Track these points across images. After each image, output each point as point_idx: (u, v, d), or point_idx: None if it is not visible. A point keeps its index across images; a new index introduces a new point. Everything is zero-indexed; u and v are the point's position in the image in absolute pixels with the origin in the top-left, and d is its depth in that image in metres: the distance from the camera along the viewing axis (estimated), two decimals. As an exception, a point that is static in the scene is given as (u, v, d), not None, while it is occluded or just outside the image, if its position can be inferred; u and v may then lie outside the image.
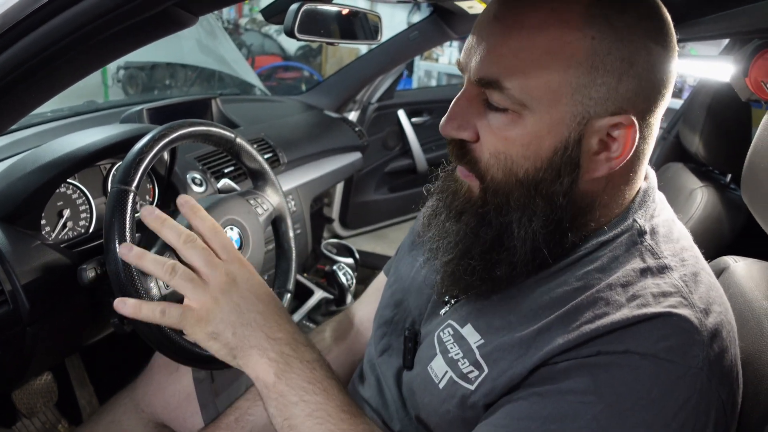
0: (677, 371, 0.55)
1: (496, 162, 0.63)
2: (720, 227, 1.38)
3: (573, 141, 0.60)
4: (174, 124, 0.94)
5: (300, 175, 1.77)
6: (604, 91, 0.58)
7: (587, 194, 0.64)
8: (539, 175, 0.61)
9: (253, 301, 0.69)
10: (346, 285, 1.58)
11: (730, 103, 1.47)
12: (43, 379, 1.30)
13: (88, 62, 0.63)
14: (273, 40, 4.82)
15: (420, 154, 2.69)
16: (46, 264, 0.92)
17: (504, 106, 0.61)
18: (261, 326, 0.68)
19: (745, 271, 0.87)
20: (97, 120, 1.41)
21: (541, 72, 0.58)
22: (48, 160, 0.96)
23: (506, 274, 0.65)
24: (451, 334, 0.70)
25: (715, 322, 0.59)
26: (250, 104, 2.02)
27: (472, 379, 0.65)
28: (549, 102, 0.59)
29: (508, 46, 0.59)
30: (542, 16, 0.58)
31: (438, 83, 4.96)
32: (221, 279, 0.68)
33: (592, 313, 0.58)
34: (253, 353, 0.67)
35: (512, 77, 0.59)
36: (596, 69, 0.58)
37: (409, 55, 2.18)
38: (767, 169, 0.77)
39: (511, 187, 0.63)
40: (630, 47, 0.58)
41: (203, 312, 0.67)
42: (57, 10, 0.52)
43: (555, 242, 0.63)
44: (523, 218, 0.63)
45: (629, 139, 0.60)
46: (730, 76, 0.81)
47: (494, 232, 0.65)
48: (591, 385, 0.56)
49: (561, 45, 0.57)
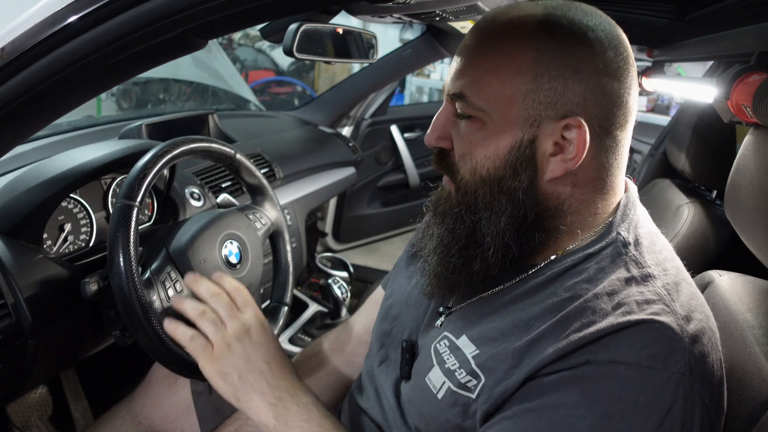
0: (661, 378, 0.59)
1: (464, 163, 0.71)
2: (706, 242, 1.42)
3: (527, 141, 0.67)
4: (176, 140, 0.97)
5: (295, 190, 1.79)
6: (551, 96, 0.66)
7: (551, 196, 0.69)
8: (499, 173, 0.69)
9: (261, 352, 0.78)
10: (341, 298, 1.60)
11: (715, 122, 1.50)
12: (38, 392, 1.31)
13: (102, 82, 0.65)
14: (266, 55, 4.86)
15: (412, 169, 2.73)
16: (48, 277, 0.94)
17: (468, 113, 0.69)
18: (265, 374, 0.76)
19: (729, 285, 0.90)
20: (95, 135, 1.43)
21: (494, 81, 0.67)
22: (51, 176, 0.98)
23: (481, 269, 0.71)
24: (447, 345, 0.73)
25: (695, 329, 0.62)
26: (246, 119, 2.05)
27: (471, 387, 0.68)
28: (503, 107, 0.67)
29: (470, 64, 0.69)
30: (498, 37, 0.68)
31: (429, 99, 5.02)
32: (238, 328, 0.78)
33: (579, 323, 0.62)
34: (255, 397, 0.75)
35: (471, 88, 0.68)
36: (541, 75, 0.65)
37: (402, 72, 2.22)
38: (748, 187, 0.80)
39: (476, 186, 0.70)
40: (574, 56, 0.65)
41: (218, 353, 0.77)
42: (75, 33, 0.55)
43: (523, 239, 0.70)
44: (491, 216, 0.70)
45: (581, 140, 0.66)
46: (712, 99, 0.84)
47: (467, 229, 0.72)
48: (581, 398, 0.59)
49: (510, 58, 0.66)
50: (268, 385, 0.75)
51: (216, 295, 0.81)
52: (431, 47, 1.93)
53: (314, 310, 1.70)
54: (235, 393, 0.76)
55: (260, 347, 0.78)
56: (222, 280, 0.84)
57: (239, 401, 0.76)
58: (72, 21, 0.58)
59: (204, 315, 0.79)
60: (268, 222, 1.12)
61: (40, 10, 0.61)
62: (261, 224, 1.10)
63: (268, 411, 0.74)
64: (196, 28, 0.56)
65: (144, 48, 0.58)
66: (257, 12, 0.63)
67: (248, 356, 0.77)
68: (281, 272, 1.16)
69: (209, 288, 0.82)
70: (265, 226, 1.11)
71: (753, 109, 0.72)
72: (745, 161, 0.82)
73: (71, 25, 0.56)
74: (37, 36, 0.61)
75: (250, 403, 0.75)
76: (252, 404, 0.75)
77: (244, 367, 0.76)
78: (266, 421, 0.74)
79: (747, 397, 0.71)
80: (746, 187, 0.81)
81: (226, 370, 0.76)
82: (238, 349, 0.77)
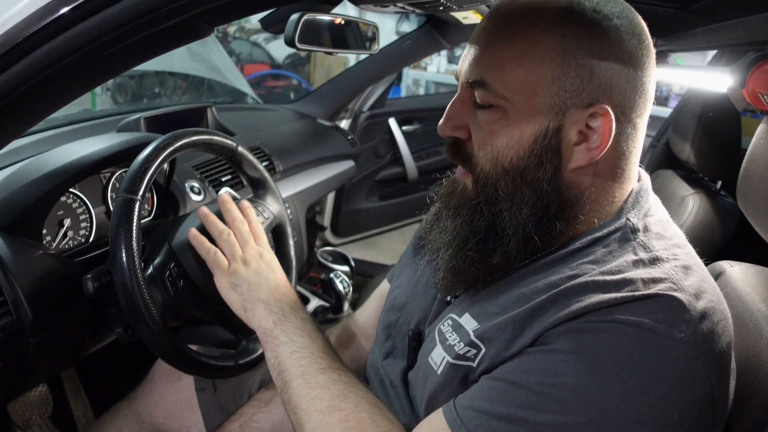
0: (661, 341, 0.57)
1: (484, 154, 0.69)
2: (712, 233, 1.41)
3: (552, 130, 0.65)
4: (177, 133, 0.95)
5: (295, 184, 1.77)
6: (577, 84, 0.64)
7: (573, 185, 0.68)
8: (523, 163, 0.67)
9: (270, 272, 0.87)
10: (343, 293, 1.59)
11: (721, 112, 1.51)
12: (39, 391, 1.29)
13: (106, 70, 0.63)
14: (261, 48, 4.82)
15: (411, 162, 2.71)
16: (48, 274, 0.92)
17: (489, 102, 0.67)
18: (271, 289, 0.85)
19: (742, 275, 0.89)
20: (92, 129, 1.40)
21: (518, 68, 0.65)
22: (50, 170, 0.95)
23: (502, 262, 0.69)
24: (450, 324, 0.73)
25: (705, 306, 0.61)
26: (244, 113, 2.03)
27: (471, 357, 0.67)
28: (527, 95, 0.65)
29: (492, 50, 0.67)
30: (520, 22, 0.65)
31: (426, 92, 4.99)
32: (253, 253, 0.88)
33: (583, 295, 0.61)
34: (260, 306, 0.82)
35: (493, 75, 0.66)
36: (568, 63, 0.63)
37: (402, 64, 2.20)
38: (762, 176, 0.79)
39: (498, 177, 0.68)
40: (600, 43, 0.63)
41: (233, 268, 0.86)
42: (80, 17, 0.53)
43: (544, 230, 0.68)
44: (512, 207, 0.68)
45: (606, 128, 0.64)
46: (727, 87, 0.83)
47: (486, 221, 0.70)
48: (575, 347, 0.59)
49: (535, 43, 0.64)
50: (274, 298, 0.83)
51: (240, 222, 0.90)
52: (431, 38, 1.90)
53: (316, 304, 1.69)
54: (243, 303, 0.84)
55: (269, 270, 0.87)
56: (248, 211, 0.93)
57: (245, 311, 0.83)
58: (73, 8, 0.55)
59: (223, 234, 0.88)
60: (270, 216, 1.10)
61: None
62: (264, 218, 1.09)
63: (269, 317, 0.81)
64: (204, 14, 0.54)
65: (148, 35, 0.56)
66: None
67: (259, 273, 0.86)
68: (284, 266, 1.13)
69: (235, 215, 0.91)
70: (267, 220, 1.09)
71: (771, 97, 0.70)
72: (759, 150, 0.81)
73: (70, 14, 0.53)
74: (33, 25, 0.59)
75: (254, 311, 0.82)
76: (256, 312, 0.82)
77: (254, 281, 0.84)
78: (266, 326, 0.81)
79: (765, 388, 0.69)
80: (760, 176, 0.80)
81: (238, 282, 0.84)
82: (251, 266, 0.86)
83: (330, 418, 0.70)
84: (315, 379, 0.74)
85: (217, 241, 0.88)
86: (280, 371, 0.77)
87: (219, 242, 0.88)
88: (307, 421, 0.71)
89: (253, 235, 0.91)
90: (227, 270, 0.86)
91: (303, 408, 0.72)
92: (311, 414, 0.71)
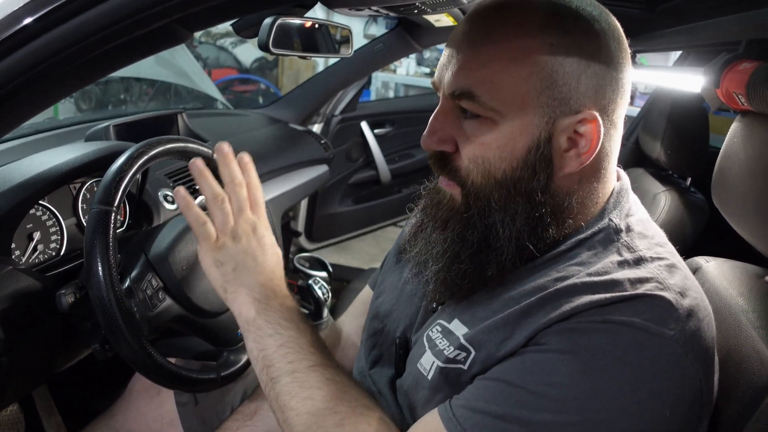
0: (653, 339, 0.58)
1: (475, 167, 0.67)
2: (683, 229, 1.45)
3: (544, 139, 0.65)
4: (151, 141, 0.92)
5: (270, 190, 1.75)
6: (566, 92, 0.63)
7: (563, 190, 0.67)
8: (516, 174, 0.66)
9: (260, 252, 0.78)
10: (322, 299, 1.57)
11: (689, 111, 1.55)
12: (10, 410, 1.24)
13: (84, 76, 0.61)
14: (228, 52, 4.75)
15: (383, 165, 2.71)
16: (20, 290, 0.88)
17: (478, 113, 0.65)
18: (257, 273, 0.77)
19: (718, 270, 0.91)
20: (59, 138, 1.36)
21: (508, 79, 0.63)
22: (18, 182, 0.92)
23: (496, 274, 0.68)
24: (440, 330, 0.73)
25: (691, 304, 0.62)
26: (215, 118, 1.99)
27: (461, 360, 0.67)
28: (518, 106, 0.63)
29: (477, 59, 0.64)
30: (505, 29, 0.63)
31: (396, 95, 5.00)
32: (246, 225, 0.78)
33: (572, 296, 0.62)
34: (242, 291, 0.76)
35: (482, 86, 0.64)
36: (556, 72, 0.63)
37: (373, 67, 2.19)
38: (738, 174, 0.81)
39: (491, 189, 0.67)
40: (585, 49, 0.63)
41: (221, 242, 0.77)
42: (59, 20, 0.51)
43: (538, 237, 0.67)
44: (505, 218, 0.67)
45: (595, 134, 0.65)
46: (701, 88, 0.85)
47: (479, 234, 0.68)
48: (568, 346, 0.59)
49: (523, 53, 0.63)
50: (258, 283, 0.76)
51: (238, 185, 0.79)
52: (403, 41, 1.90)
53: (294, 311, 1.67)
54: (225, 284, 0.77)
55: (260, 248, 0.78)
56: (248, 167, 0.82)
57: (226, 292, 0.77)
58: (47, 11, 0.53)
59: (217, 200, 0.77)
60: (249, 223, 1.08)
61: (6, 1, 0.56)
62: (243, 226, 1.07)
63: (251, 305, 0.75)
64: (183, 19, 0.52)
65: (125, 41, 0.54)
66: (247, 0, 0.60)
67: (247, 252, 0.77)
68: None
69: (234, 175, 0.79)
70: (247, 228, 1.07)
71: (747, 97, 0.72)
72: (733, 148, 0.82)
73: (35, 24, 0.51)
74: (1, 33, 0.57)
75: (236, 294, 0.76)
76: (238, 296, 0.76)
77: (240, 261, 0.76)
78: (247, 314, 0.75)
79: (746, 381, 0.71)
80: (735, 174, 0.81)
81: (224, 260, 0.76)
82: (241, 243, 0.77)
83: (324, 422, 0.68)
84: (306, 377, 0.71)
85: (209, 205, 0.78)
86: (265, 365, 0.73)
87: (211, 207, 0.78)
88: (298, 423, 0.69)
89: (250, 202, 0.80)
90: (214, 244, 0.77)
91: (293, 408, 0.69)
92: (303, 416, 0.69)
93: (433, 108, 0.70)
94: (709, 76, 0.81)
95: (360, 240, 2.84)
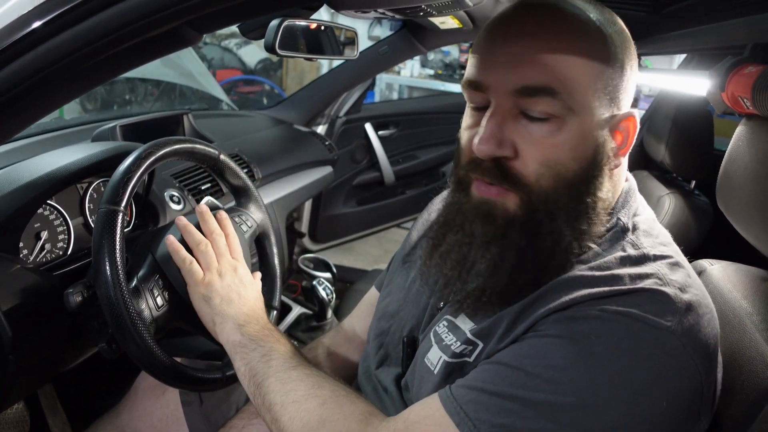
0: (649, 329, 0.58)
1: (546, 170, 0.63)
2: (688, 232, 1.45)
3: (606, 137, 0.65)
4: (159, 141, 0.93)
5: (275, 191, 1.75)
6: (619, 90, 0.66)
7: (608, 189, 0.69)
8: (586, 174, 0.65)
9: (243, 288, 0.88)
10: (327, 300, 1.57)
11: (694, 114, 1.55)
12: (15, 409, 1.24)
13: (94, 78, 0.62)
14: (233, 53, 4.76)
15: (387, 167, 2.71)
16: (27, 288, 0.89)
17: (552, 113, 0.62)
18: (241, 305, 0.85)
19: (722, 273, 0.91)
20: (66, 138, 1.37)
21: (588, 76, 0.62)
22: (26, 182, 0.93)
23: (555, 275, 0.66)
24: (446, 326, 0.74)
25: (690, 299, 0.62)
26: (221, 119, 2.00)
27: (467, 353, 0.69)
28: (591, 104, 0.63)
29: (554, 55, 0.61)
30: (569, 24, 0.63)
31: (400, 96, 5.00)
32: (228, 267, 0.89)
33: (572, 287, 0.63)
34: (228, 321, 0.83)
35: (564, 83, 0.61)
36: (615, 71, 0.65)
37: (378, 69, 2.19)
38: (743, 177, 0.81)
39: (560, 193, 0.64)
40: (625, 52, 0.66)
41: (208, 279, 0.86)
42: (70, 23, 0.51)
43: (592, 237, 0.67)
44: (571, 221, 0.65)
45: (632, 130, 0.67)
46: (706, 91, 0.85)
47: (546, 241, 0.65)
48: (565, 332, 0.60)
49: (597, 49, 0.63)
50: (243, 313, 0.84)
51: (218, 235, 0.91)
52: (408, 43, 1.90)
53: (298, 312, 1.67)
54: (213, 316, 0.84)
55: (242, 285, 0.88)
56: (225, 223, 0.94)
57: (215, 324, 0.84)
58: (55, 16, 0.54)
59: (200, 246, 0.88)
60: (254, 224, 1.09)
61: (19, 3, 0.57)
62: (247, 227, 1.07)
63: (236, 330, 0.81)
64: (193, 21, 0.53)
65: (136, 43, 0.55)
66: (257, 3, 0.60)
67: (231, 288, 0.86)
68: (269, 275, 1.12)
69: (213, 228, 0.91)
70: (251, 229, 1.08)
71: (752, 101, 0.72)
72: (738, 152, 0.83)
73: (60, 17, 0.52)
74: (13, 34, 0.57)
75: (223, 325, 0.83)
76: (225, 326, 0.83)
77: (225, 296, 0.85)
78: (233, 339, 0.81)
79: (750, 384, 0.71)
80: (740, 177, 0.82)
81: (211, 294, 0.85)
82: (226, 280, 0.87)
83: (307, 405, 0.70)
84: (287, 375, 0.74)
85: (194, 251, 0.88)
86: (251, 376, 0.77)
87: (196, 253, 0.88)
88: (283, 414, 0.70)
89: (229, 249, 0.91)
90: (201, 281, 0.86)
91: (278, 402, 0.71)
92: (287, 406, 0.70)
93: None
94: (715, 80, 0.81)
95: (364, 241, 2.84)
